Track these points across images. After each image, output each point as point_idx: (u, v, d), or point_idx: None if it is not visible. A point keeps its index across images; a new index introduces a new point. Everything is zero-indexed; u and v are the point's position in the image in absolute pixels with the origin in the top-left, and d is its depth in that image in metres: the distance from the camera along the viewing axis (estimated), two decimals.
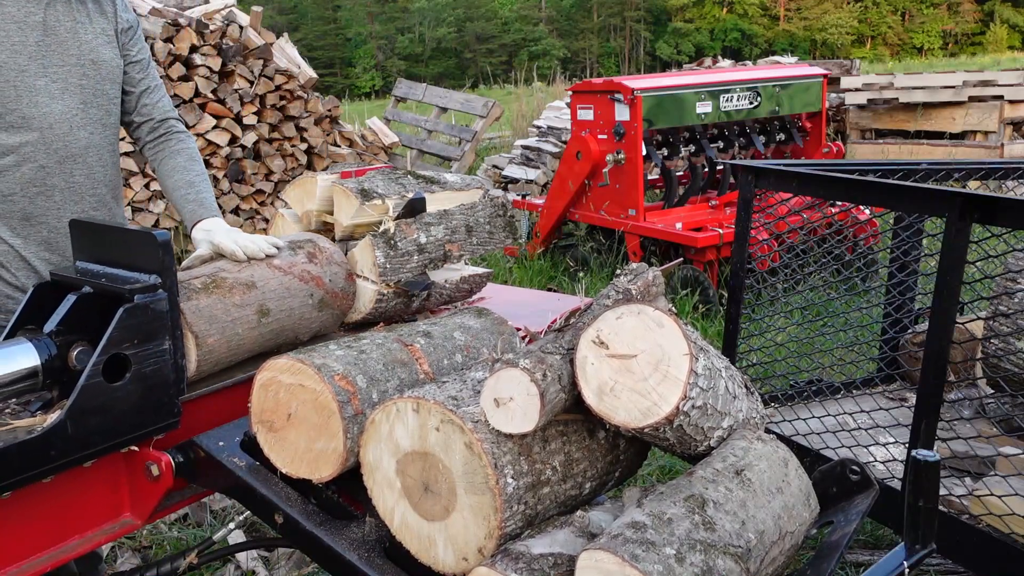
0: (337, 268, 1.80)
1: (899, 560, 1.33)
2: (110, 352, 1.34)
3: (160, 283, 1.41)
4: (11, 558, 1.37)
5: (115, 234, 1.48)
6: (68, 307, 1.39)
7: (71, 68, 1.93)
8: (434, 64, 53.67)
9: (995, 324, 2.69)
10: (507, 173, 8.61)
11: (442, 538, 1.22)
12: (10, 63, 1.83)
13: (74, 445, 1.34)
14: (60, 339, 1.38)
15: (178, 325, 1.45)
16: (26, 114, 1.86)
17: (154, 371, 1.40)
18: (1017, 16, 55.96)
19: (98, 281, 1.43)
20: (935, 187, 2.38)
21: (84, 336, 1.40)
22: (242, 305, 1.59)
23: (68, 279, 1.47)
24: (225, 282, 1.61)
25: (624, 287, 1.36)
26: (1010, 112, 8.64)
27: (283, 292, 1.68)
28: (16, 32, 1.84)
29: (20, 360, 1.34)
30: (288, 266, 1.72)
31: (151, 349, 1.39)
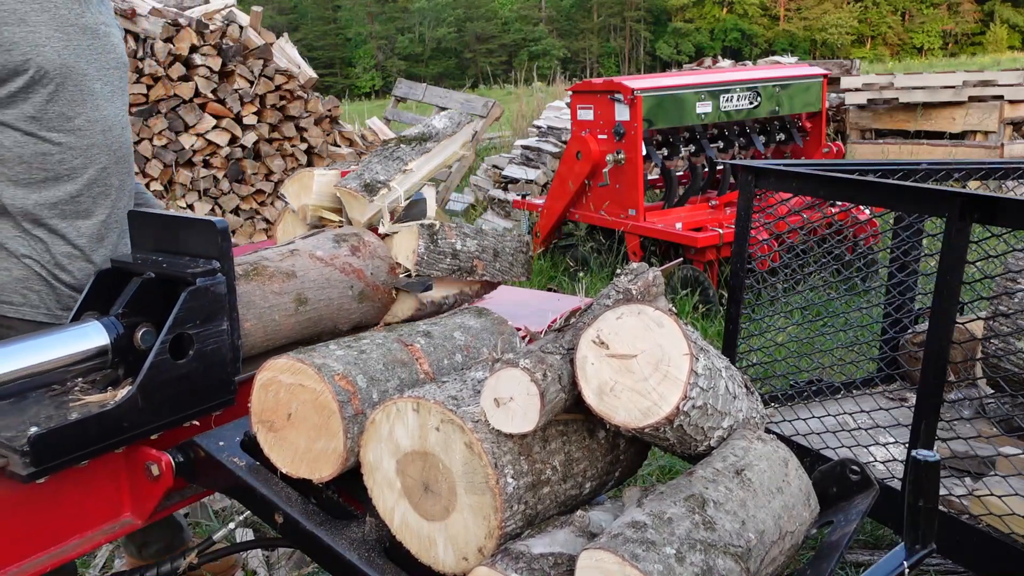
0: (379, 262, 1.85)
1: (899, 560, 1.33)
2: (175, 332, 1.43)
3: (219, 267, 1.49)
4: (11, 558, 1.37)
5: (175, 223, 1.57)
6: (133, 291, 1.48)
7: (113, 70, 2.00)
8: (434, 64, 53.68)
9: (995, 324, 2.69)
10: (507, 173, 8.61)
11: (442, 538, 1.22)
12: (76, 68, 1.89)
13: (144, 418, 1.42)
14: (126, 320, 1.46)
15: (235, 307, 1.53)
16: (91, 117, 1.93)
17: (214, 350, 1.50)
18: (1017, 16, 55.96)
19: (160, 267, 1.51)
20: (935, 187, 2.38)
21: (147, 318, 1.48)
22: (280, 293, 1.66)
23: (130, 265, 1.55)
24: (266, 270, 1.67)
25: (624, 287, 1.36)
26: (1010, 112, 8.64)
27: (323, 282, 1.73)
28: (75, 35, 1.89)
29: (92, 339, 1.44)
30: (330, 258, 1.77)
31: (211, 329, 1.48)
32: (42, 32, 1.83)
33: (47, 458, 1.30)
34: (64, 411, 1.38)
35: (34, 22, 1.82)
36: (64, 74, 1.87)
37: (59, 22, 1.87)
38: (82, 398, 1.43)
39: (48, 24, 1.85)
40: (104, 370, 1.48)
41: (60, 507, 1.43)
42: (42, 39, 1.83)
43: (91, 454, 1.38)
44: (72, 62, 1.88)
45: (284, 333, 1.68)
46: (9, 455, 1.30)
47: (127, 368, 1.48)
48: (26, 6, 1.82)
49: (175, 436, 1.52)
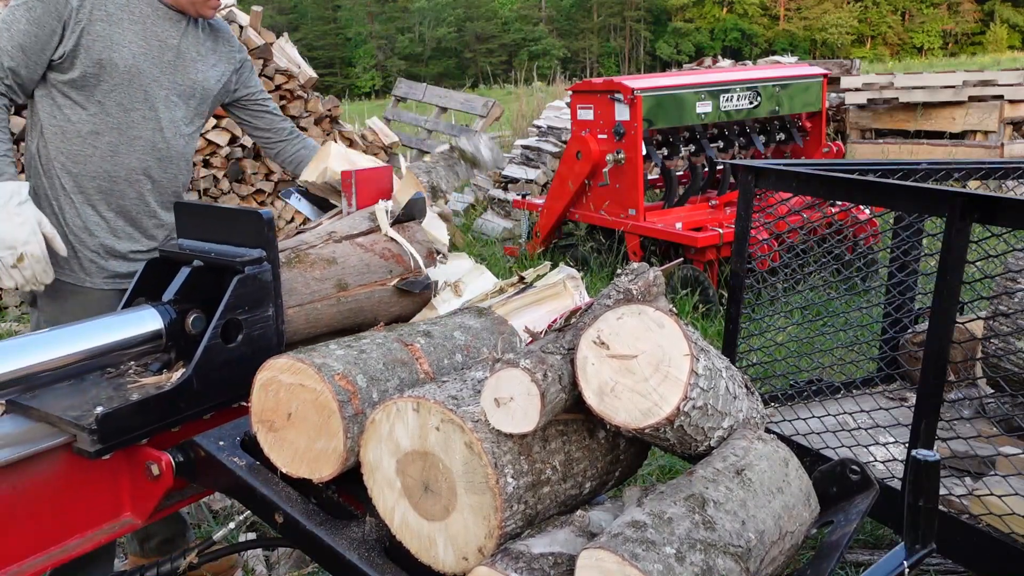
0: (418, 246, 1.88)
1: (899, 560, 1.33)
2: (226, 317, 1.50)
3: (265, 256, 1.56)
4: (11, 558, 1.37)
5: (221, 213, 1.64)
6: (183, 278, 1.55)
7: (186, 87, 2.34)
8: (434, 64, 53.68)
9: (995, 324, 2.69)
10: (507, 173, 8.61)
11: (442, 538, 1.22)
12: (147, 72, 2.24)
13: (198, 399, 1.48)
14: (178, 306, 1.54)
15: (279, 294, 1.60)
16: (145, 115, 2.26)
17: (260, 335, 1.56)
18: (1017, 16, 55.96)
19: (208, 255, 1.58)
20: (935, 187, 2.38)
21: (196, 304, 1.55)
22: (322, 279, 1.70)
23: (178, 254, 1.62)
24: (308, 257, 1.72)
25: (625, 287, 1.36)
26: (1010, 112, 8.64)
27: (363, 268, 1.76)
28: (158, 49, 2.25)
29: (148, 323, 1.52)
30: (371, 243, 1.81)
31: (259, 315, 1.56)
32: (126, 35, 2.19)
33: (112, 436, 1.38)
34: (123, 392, 1.46)
35: (124, 26, 2.18)
36: (132, 73, 2.21)
37: (146, 34, 2.22)
38: (139, 380, 1.51)
39: (135, 31, 2.20)
40: (156, 353, 1.56)
41: (60, 507, 1.43)
42: (124, 40, 2.18)
43: (150, 433, 1.46)
44: (144, 67, 2.22)
45: (326, 321, 1.74)
46: (77, 433, 1.37)
47: (179, 352, 1.56)
48: (123, 12, 2.18)
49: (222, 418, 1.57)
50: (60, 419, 1.39)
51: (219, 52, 2.42)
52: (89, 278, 2.29)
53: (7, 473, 1.34)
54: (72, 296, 2.27)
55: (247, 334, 1.54)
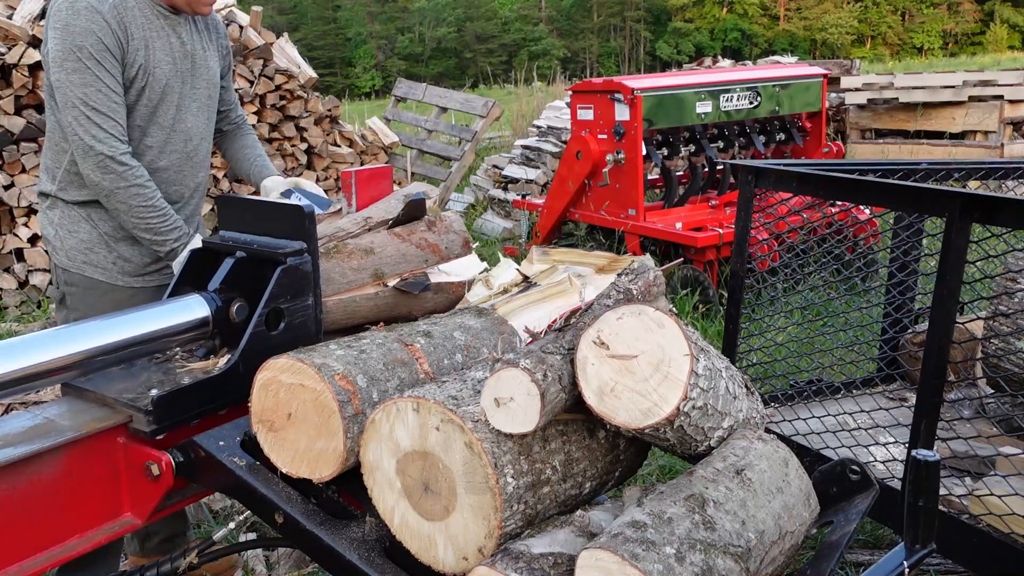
0: (454, 236, 1.92)
1: (899, 560, 1.33)
2: (270, 306, 1.57)
3: (306, 248, 1.62)
4: (11, 558, 1.37)
5: (264, 207, 1.70)
6: (228, 269, 1.62)
7: (203, 89, 2.37)
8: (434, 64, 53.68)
9: (995, 324, 2.69)
10: (507, 173, 8.61)
11: (442, 537, 1.22)
12: (175, 87, 2.28)
13: (243, 383, 1.49)
14: (223, 295, 1.61)
15: (318, 284, 1.66)
16: (176, 128, 2.31)
17: (301, 323, 1.63)
18: (1017, 16, 55.95)
19: (250, 247, 1.64)
20: (935, 187, 2.38)
21: (240, 294, 1.61)
22: (359, 269, 1.75)
23: (221, 246, 1.68)
24: (346, 247, 1.77)
25: (625, 287, 1.36)
26: (1010, 112, 8.64)
27: (399, 258, 1.81)
28: (180, 60, 2.28)
29: (196, 311, 1.58)
30: (407, 233, 1.87)
31: (299, 304, 1.62)
32: (158, 56, 2.23)
33: (166, 417, 1.44)
34: (174, 376, 1.54)
35: (153, 48, 2.22)
36: (166, 91, 2.26)
37: (168, 49, 2.25)
38: (187, 365, 1.58)
39: (162, 50, 2.24)
40: (202, 340, 1.62)
41: (60, 507, 1.43)
42: (156, 60, 2.23)
43: (200, 414, 1.52)
44: (174, 83, 2.27)
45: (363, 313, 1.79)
46: (134, 414, 1.44)
47: (223, 339, 1.62)
48: (150, 33, 2.21)
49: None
50: (116, 401, 1.46)
51: (214, 42, 2.43)
52: (123, 277, 2.33)
53: (7, 473, 1.34)
54: (107, 294, 2.31)
55: (288, 322, 1.60)
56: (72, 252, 2.30)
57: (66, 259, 2.30)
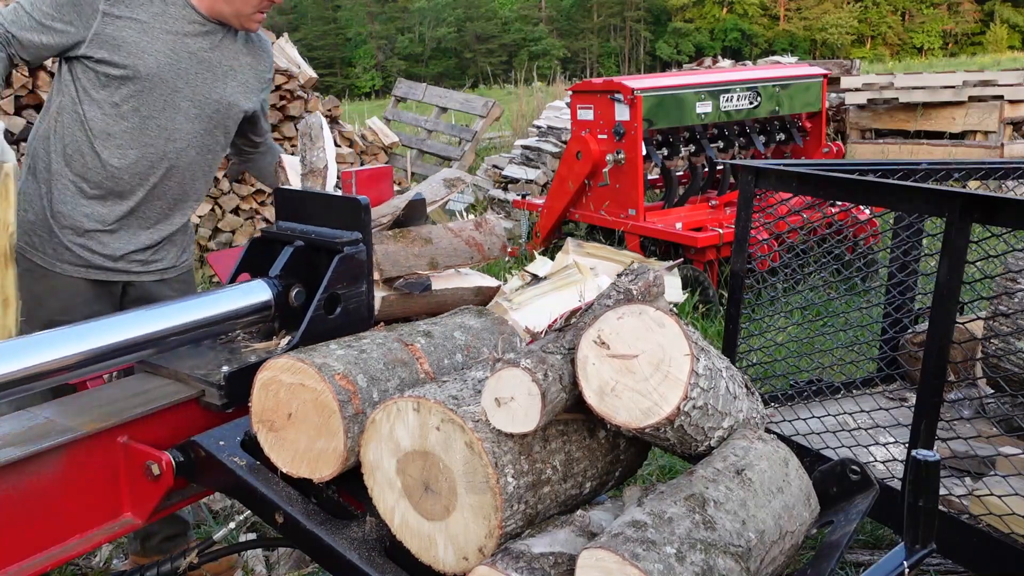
0: (496, 239, 2.01)
1: (899, 560, 1.33)
2: (328, 291, 1.64)
3: (361, 238, 1.69)
4: (11, 558, 1.37)
5: (321, 199, 1.77)
6: (288, 256, 1.69)
7: (210, 102, 2.34)
8: (434, 64, 53.69)
9: (995, 324, 2.69)
10: (507, 173, 8.61)
11: (442, 537, 1.22)
12: (170, 82, 2.25)
13: None
14: (283, 281, 1.68)
15: (371, 272, 1.74)
16: (162, 124, 2.28)
17: (355, 308, 1.70)
18: (1017, 16, 55.96)
19: (308, 236, 1.72)
20: (935, 187, 2.38)
21: (297, 280, 1.69)
22: (419, 256, 1.84)
23: (279, 235, 1.76)
24: (409, 233, 1.88)
25: (625, 287, 1.36)
26: (1010, 112, 8.64)
27: (451, 251, 1.91)
28: (185, 60, 2.26)
29: (260, 295, 1.66)
30: (459, 229, 1.97)
31: (354, 291, 1.70)
32: (155, 44, 2.20)
33: (236, 392, 1.51)
34: (240, 355, 1.62)
35: (155, 35, 2.20)
36: (155, 82, 2.22)
37: (175, 45, 2.23)
38: (251, 345, 1.67)
39: (163, 40, 2.21)
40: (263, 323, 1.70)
41: (60, 507, 1.43)
42: (149, 48, 2.20)
43: None
44: (168, 76, 2.23)
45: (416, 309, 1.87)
46: (207, 388, 1.53)
47: (282, 322, 1.70)
48: (156, 21, 2.21)
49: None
50: (189, 376, 1.55)
51: (255, 68, 2.43)
52: (61, 264, 2.30)
53: (7, 473, 1.34)
54: (42, 279, 2.29)
55: (344, 307, 1.68)
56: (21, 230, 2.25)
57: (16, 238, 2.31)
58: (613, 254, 2.17)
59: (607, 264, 2.15)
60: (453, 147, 9.87)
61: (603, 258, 2.19)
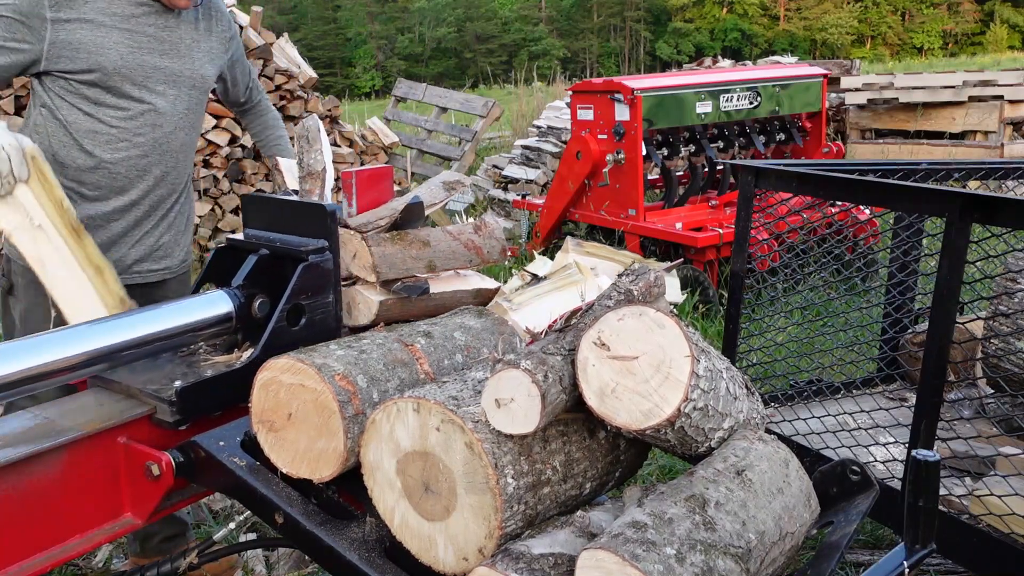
0: (495, 242, 2.00)
1: (899, 560, 1.33)
2: (292, 302, 1.60)
3: (328, 246, 1.65)
4: (11, 558, 1.37)
5: (289, 206, 1.73)
6: (251, 265, 1.64)
7: (185, 79, 2.34)
8: (434, 64, 53.69)
9: (995, 324, 2.69)
10: (507, 173, 8.60)
11: (442, 538, 1.22)
12: (140, 69, 2.24)
13: None
14: (245, 291, 1.64)
15: (339, 281, 1.69)
16: (145, 111, 2.28)
17: (321, 319, 1.66)
18: (1017, 16, 55.96)
19: (273, 244, 1.67)
20: (935, 187, 2.38)
21: (261, 290, 1.65)
22: (417, 258, 1.83)
23: (245, 243, 1.72)
24: (407, 236, 1.87)
25: (626, 288, 1.36)
26: (1010, 112, 8.64)
27: (449, 254, 1.90)
28: (146, 43, 2.25)
29: (220, 306, 1.62)
30: (458, 232, 1.96)
31: (320, 301, 1.65)
32: (112, 36, 2.19)
33: (189, 408, 1.48)
34: (197, 369, 1.58)
35: (107, 27, 2.19)
36: (123, 74, 2.22)
37: (131, 31, 2.22)
38: (210, 358, 1.63)
39: (119, 29, 2.20)
40: (225, 335, 1.66)
41: (60, 507, 1.43)
42: (109, 42, 2.19)
43: (222, 406, 1.55)
44: (135, 64, 2.23)
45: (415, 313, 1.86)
46: (158, 404, 1.48)
47: (245, 334, 1.66)
48: (105, 16, 2.18)
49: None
50: (141, 392, 1.50)
51: (214, 32, 2.42)
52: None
53: (7, 473, 1.34)
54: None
55: (309, 318, 1.64)
56: None
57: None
58: (612, 254, 2.18)
59: (607, 264, 2.15)
60: (453, 147, 9.87)
61: (603, 257, 2.19)
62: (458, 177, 2.08)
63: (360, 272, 1.82)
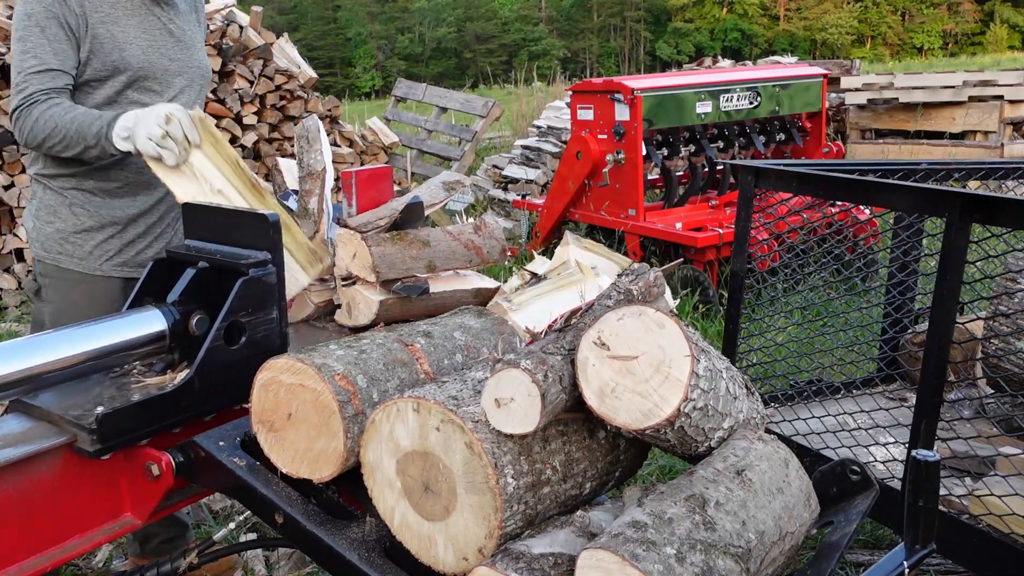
0: (495, 243, 2.02)
1: (899, 560, 1.33)
2: (229, 319, 1.51)
3: (270, 258, 1.56)
4: (11, 558, 1.37)
5: (228, 215, 1.63)
6: (188, 279, 1.55)
7: (194, 70, 2.34)
8: (434, 64, 53.70)
9: (995, 324, 2.69)
10: (507, 173, 8.60)
11: (442, 538, 1.22)
12: (158, 64, 2.24)
13: (199, 400, 1.49)
14: (182, 308, 1.54)
15: (283, 296, 1.60)
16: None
17: (264, 337, 1.57)
18: (1017, 16, 55.95)
19: (213, 257, 1.58)
20: (935, 187, 2.38)
21: (200, 306, 1.55)
22: (416, 258, 1.83)
23: (184, 255, 1.62)
24: (407, 236, 1.87)
25: (626, 288, 1.36)
26: (1010, 112, 8.63)
27: (449, 254, 1.91)
28: (161, 37, 2.25)
29: (151, 325, 1.53)
30: (458, 232, 1.97)
31: (262, 317, 1.56)
32: (130, 33, 2.18)
33: (112, 436, 1.39)
34: (126, 392, 1.48)
35: (125, 24, 2.18)
36: (147, 69, 2.21)
37: (145, 26, 2.21)
38: (142, 380, 1.53)
39: (136, 27, 2.19)
40: (161, 354, 1.57)
41: (60, 507, 1.43)
42: (130, 39, 2.18)
43: (151, 433, 1.47)
44: (155, 59, 2.22)
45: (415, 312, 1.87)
46: (77, 432, 1.38)
47: (182, 353, 1.56)
48: (119, 10, 2.17)
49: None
50: (61, 418, 1.40)
51: (200, 23, 2.42)
52: (99, 265, 2.29)
53: (7, 473, 1.34)
54: (79, 285, 2.27)
55: (250, 336, 1.55)
56: (48, 242, 2.26)
57: (42, 250, 2.27)
58: (609, 255, 2.18)
59: (607, 263, 2.15)
60: (453, 147, 9.87)
61: (600, 255, 2.19)
62: (458, 177, 2.08)
63: (360, 272, 1.82)
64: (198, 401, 1.50)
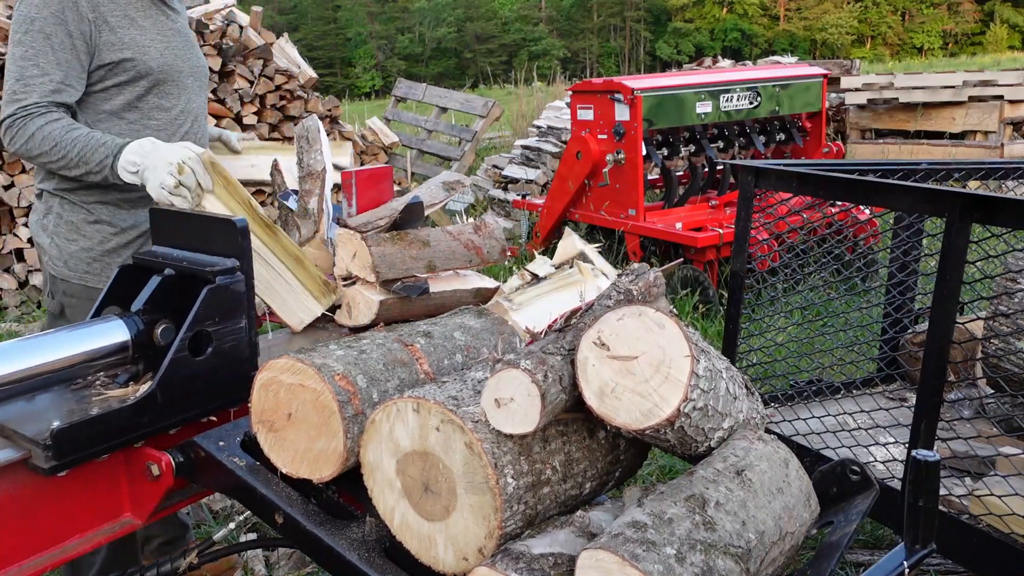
0: (495, 243, 2.02)
1: (899, 560, 1.33)
2: (194, 329, 1.45)
3: (239, 266, 1.50)
4: (11, 558, 1.37)
5: (195, 221, 1.58)
6: (153, 288, 1.50)
7: (199, 69, 2.33)
8: (434, 64, 53.71)
9: (995, 324, 2.69)
10: (507, 173, 8.61)
11: (442, 538, 1.22)
12: (174, 66, 2.22)
13: (163, 413, 1.44)
14: (146, 317, 1.49)
15: (253, 305, 1.55)
16: (184, 109, 2.27)
17: (232, 347, 1.51)
18: (1017, 16, 55.96)
19: (180, 264, 1.52)
20: (935, 187, 2.38)
21: (166, 315, 1.50)
22: (416, 258, 1.83)
23: (150, 262, 1.57)
24: (407, 236, 1.87)
25: (625, 288, 1.36)
26: (1010, 112, 8.64)
27: (449, 254, 1.91)
28: (173, 37, 2.23)
29: (113, 335, 1.47)
30: (458, 232, 1.96)
31: (230, 327, 1.50)
32: (148, 35, 2.16)
33: (68, 452, 1.32)
34: (85, 406, 1.41)
35: (141, 27, 2.15)
36: (165, 72, 2.19)
37: (159, 27, 2.20)
38: (103, 393, 1.46)
39: (151, 29, 2.18)
40: (124, 365, 1.51)
41: (60, 507, 1.43)
42: (147, 41, 2.16)
43: (110, 448, 1.41)
44: (171, 61, 2.21)
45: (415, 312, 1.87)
46: (32, 448, 1.32)
47: (147, 363, 1.51)
48: (136, 11, 2.15)
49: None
50: (15, 433, 1.33)
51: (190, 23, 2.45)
52: None
53: (7, 473, 1.34)
54: None
55: (217, 346, 1.49)
56: (72, 261, 2.20)
57: (66, 269, 2.21)
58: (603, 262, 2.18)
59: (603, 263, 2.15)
60: (453, 147, 9.87)
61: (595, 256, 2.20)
62: (458, 177, 2.08)
63: (360, 272, 1.82)
64: (161, 414, 1.45)
